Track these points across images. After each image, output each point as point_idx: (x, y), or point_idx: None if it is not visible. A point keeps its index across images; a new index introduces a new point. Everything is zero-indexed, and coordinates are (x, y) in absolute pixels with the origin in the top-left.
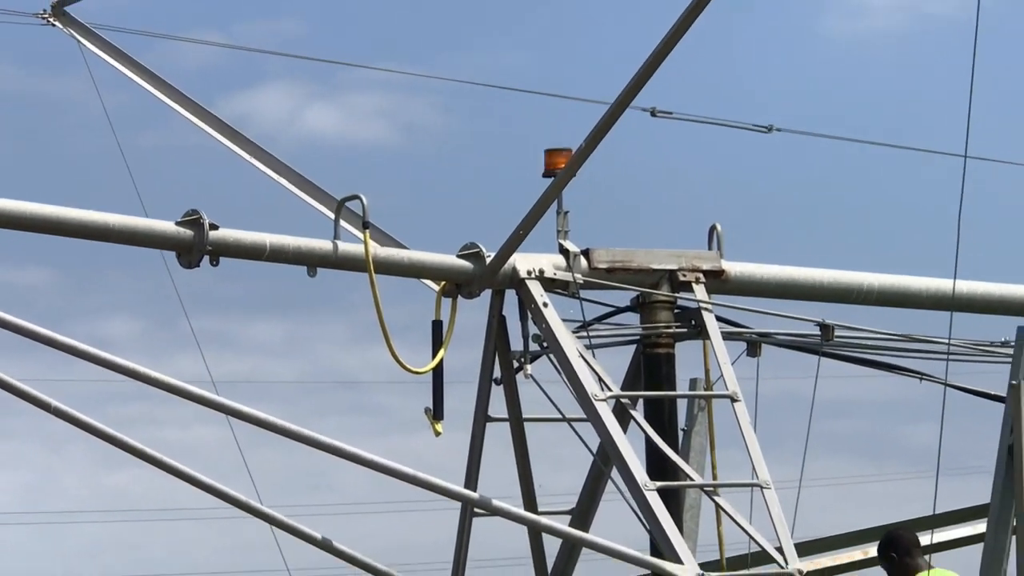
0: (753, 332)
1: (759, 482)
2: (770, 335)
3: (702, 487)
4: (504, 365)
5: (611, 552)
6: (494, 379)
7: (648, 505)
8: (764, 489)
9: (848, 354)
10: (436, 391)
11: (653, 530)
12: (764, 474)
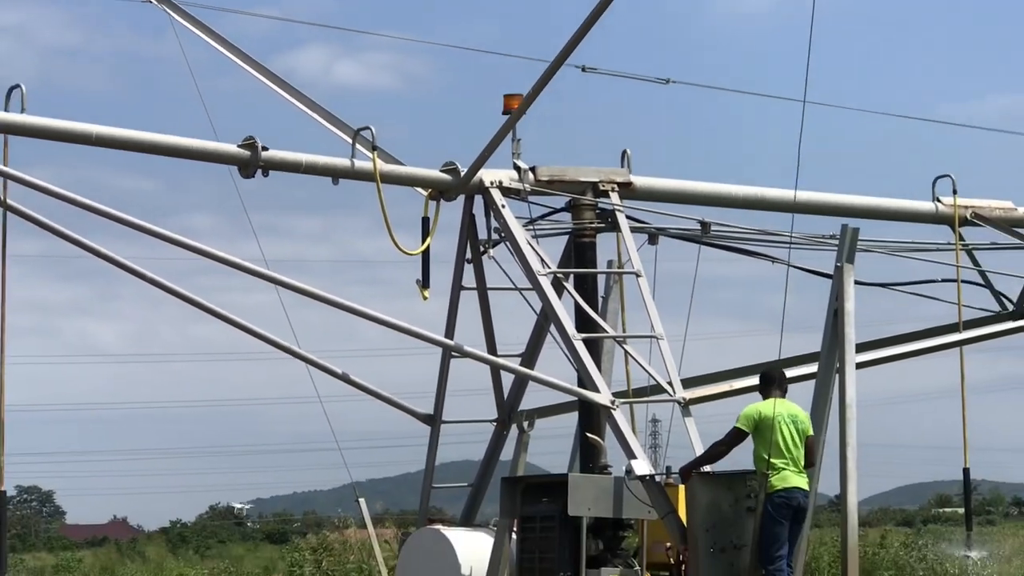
0: (652, 227)
1: (655, 334)
2: (665, 229)
3: (614, 338)
4: (473, 249)
5: (550, 384)
6: (466, 259)
7: (576, 351)
8: (659, 340)
9: (721, 244)
10: (424, 267)
11: (579, 369)
12: (659, 329)
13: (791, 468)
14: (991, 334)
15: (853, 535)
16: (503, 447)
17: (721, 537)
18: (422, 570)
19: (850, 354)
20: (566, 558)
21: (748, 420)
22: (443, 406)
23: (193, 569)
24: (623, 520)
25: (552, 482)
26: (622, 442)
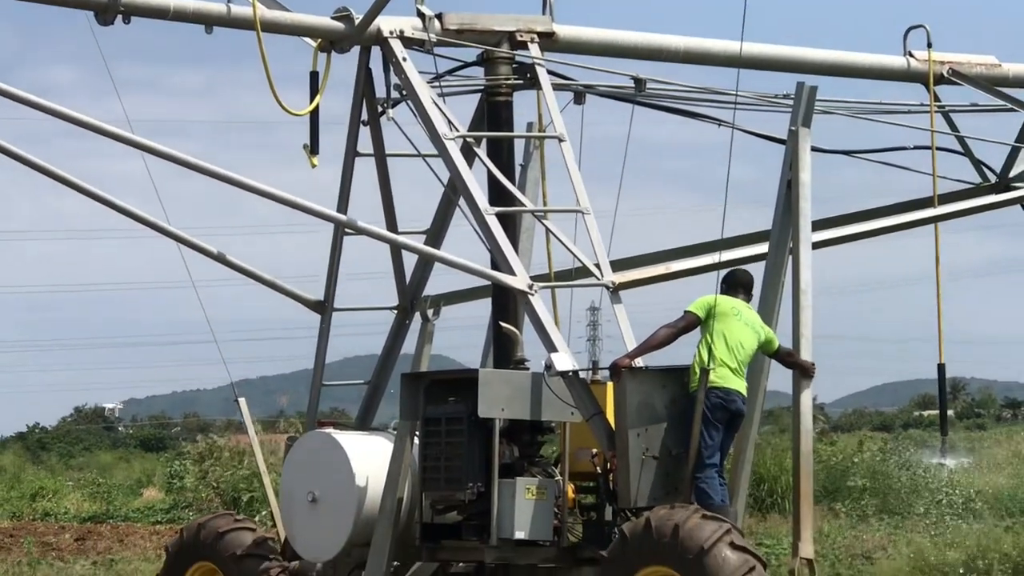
0: (579, 84)
1: (581, 209)
2: (593, 87)
3: (533, 212)
4: (370, 109)
5: (458, 266)
6: (362, 121)
7: (488, 227)
8: (585, 215)
9: (659, 104)
10: (312, 130)
11: (492, 248)
12: (585, 202)
13: (733, 369)
14: (970, 209)
15: (807, 440)
16: (404, 338)
17: (654, 442)
18: (310, 480)
19: (805, 231)
20: (476, 466)
21: (703, 305)
22: (335, 291)
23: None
24: (542, 423)
25: (460, 379)
26: (541, 333)
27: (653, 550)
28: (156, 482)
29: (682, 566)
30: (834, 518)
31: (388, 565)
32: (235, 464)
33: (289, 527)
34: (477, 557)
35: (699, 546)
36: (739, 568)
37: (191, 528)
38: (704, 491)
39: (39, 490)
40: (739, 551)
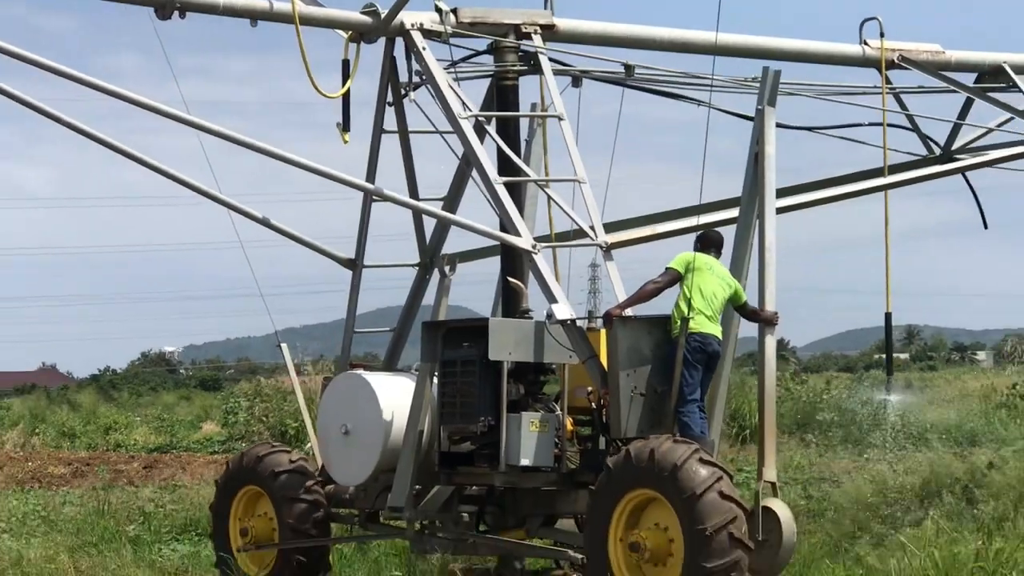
0: (576, 69)
1: (577, 179)
2: (588, 72)
3: (536, 182)
4: (394, 92)
5: (471, 229)
6: (387, 102)
7: (497, 195)
8: (581, 184)
9: (646, 87)
10: (344, 111)
11: (501, 213)
12: (581, 173)
13: (709, 316)
14: (917, 178)
15: (771, 380)
16: (425, 291)
17: (641, 381)
18: (343, 414)
19: (770, 198)
20: (487, 402)
21: (681, 262)
22: (364, 250)
23: (125, 416)
24: (544, 364)
25: (473, 326)
26: (543, 286)
27: (635, 476)
28: (213, 417)
29: (660, 485)
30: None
31: (411, 488)
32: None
33: (325, 456)
34: (488, 481)
35: (672, 464)
36: (708, 479)
37: (235, 459)
38: (686, 423)
39: (112, 424)
40: (707, 465)
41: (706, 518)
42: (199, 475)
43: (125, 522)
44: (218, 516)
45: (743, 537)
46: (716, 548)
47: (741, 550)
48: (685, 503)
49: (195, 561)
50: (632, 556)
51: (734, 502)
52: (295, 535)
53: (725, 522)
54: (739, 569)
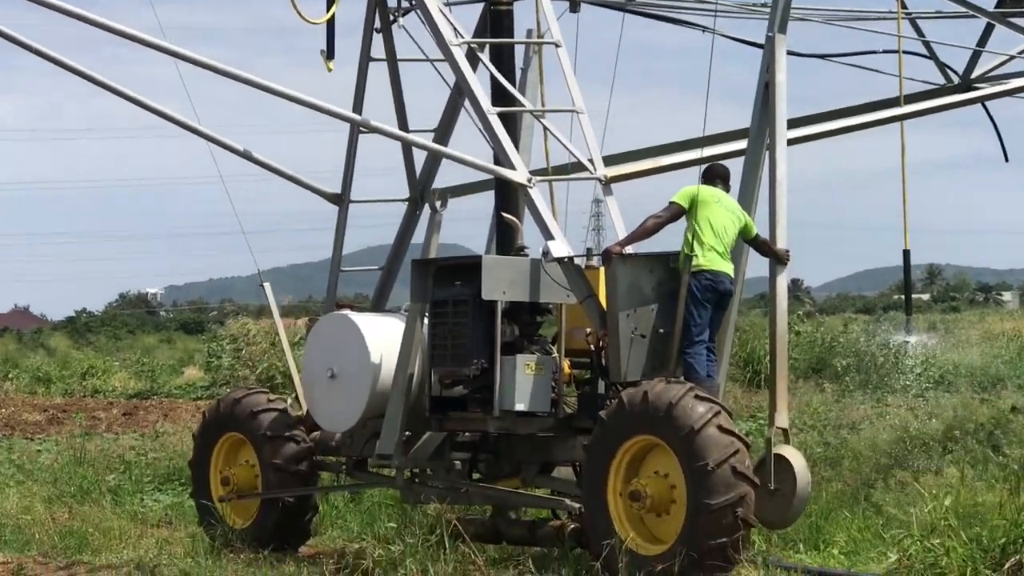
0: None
1: (575, 109)
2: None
3: (532, 112)
4: (382, 18)
5: (464, 162)
6: (375, 28)
7: (491, 126)
8: (579, 114)
9: (647, 12)
10: (329, 37)
11: (495, 146)
12: (579, 103)
13: (720, 253)
14: (934, 108)
15: (782, 321)
16: (415, 228)
17: (642, 322)
18: (329, 357)
19: (781, 129)
20: (480, 344)
21: (686, 196)
22: (351, 185)
23: (103, 360)
24: (540, 304)
25: (465, 264)
26: (539, 222)
27: (647, 420)
28: (196, 362)
29: (673, 440)
30: (820, 393)
31: (400, 435)
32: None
33: (310, 401)
34: (481, 427)
35: (690, 425)
36: (726, 448)
37: (211, 408)
38: (691, 365)
39: (89, 369)
40: (726, 433)
41: (706, 453)
42: (182, 422)
43: (104, 471)
44: (198, 467)
45: (747, 471)
46: (719, 483)
47: (746, 484)
48: (683, 441)
49: (179, 512)
50: (633, 506)
51: (734, 435)
52: (279, 476)
53: (726, 456)
54: (745, 504)
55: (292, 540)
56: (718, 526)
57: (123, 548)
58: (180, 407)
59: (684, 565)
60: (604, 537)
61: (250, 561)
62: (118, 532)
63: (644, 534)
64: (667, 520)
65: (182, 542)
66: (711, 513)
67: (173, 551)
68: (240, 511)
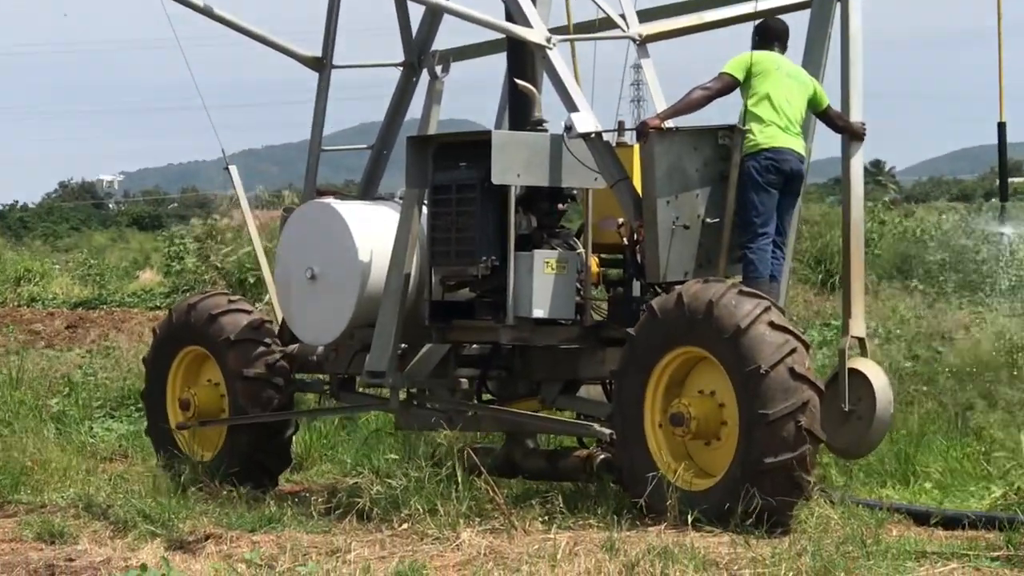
0: None
1: None
2: None
3: None
4: None
5: (469, 18)
6: None
7: None
8: None
9: None
10: None
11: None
12: None
13: (783, 127)
14: None
15: (858, 210)
16: (411, 98)
17: (685, 210)
18: (308, 255)
19: None
20: (490, 238)
21: (740, 64)
22: (334, 46)
23: (41, 263)
24: (562, 190)
25: (472, 142)
26: (561, 91)
27: (685, 329)
28: (153, 264)
29: (717, 347)
30: (909, 296)
31: (395, 348)
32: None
33: (286, 308)
34: (492, 337)
35: (736, 325)
36: (779, 348)
37: (164, 322)
38: (752, 262)
39: (24, 274)
40: (779, 330)
41: (757, 355)
42: (137, 335)
43: (46, 394)
44: (151, 396)
45: (808, 373)
46: (775, 389)
47: (809, 388)
48: (729, 345)
49: (136, 441)
50: (676, 432)
51: (790, 333)
52: (248, 387)
53: (782, 356)
54: (809, 412)
55: (270, 466)
56: (778, 440)
57: (69, 485)
58: (134, 318)
59: (744, 495)
60: (642, 473)
61: (223, 500)
62: (63, 467)
63: (691, 467)
64: (717, 448)
65: (140, 478)
66: (769, 424)
67: (129, 488)
68: (204, 440)
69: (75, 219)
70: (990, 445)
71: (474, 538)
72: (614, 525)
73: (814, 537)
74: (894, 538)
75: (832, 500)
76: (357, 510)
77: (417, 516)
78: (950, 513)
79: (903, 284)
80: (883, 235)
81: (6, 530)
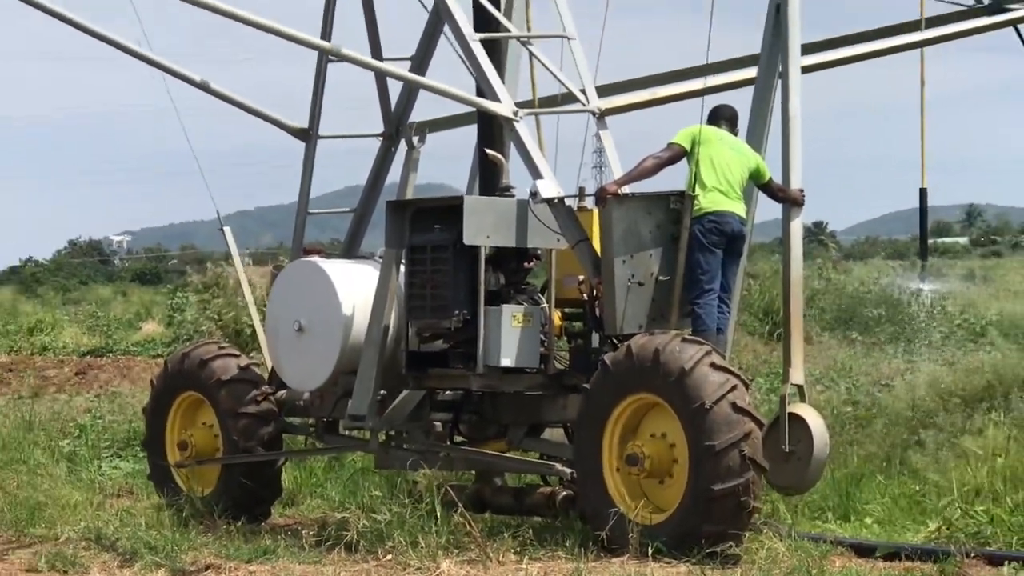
0: None
1: (566, 35)
2: None
3: (517, 37)
4: None
5: (443, 93)
6: None
7: (473, 53)
8: (570, 40)
9: None
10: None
11: (477, 76)
12: (571, 28)
13: (724, 191)
14: (959, 32)
15: (797, 268)
16: (390, 165)
17: (639, 269)
18: (296, 308)
19: (795, 55)
20: (462, 294)
21: (687, 135)
22: (319, 118)
23: (52, 314)
24: (528, 250)
25: (445, 206)
26: (526, 159)
27: (635, 377)
28: (155, 316)
29: (664, 390)
30: (849, 347)
31: (375, 394)
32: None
33: (275, 357)
34: (464, 384)
35: (680, 368)
36: (721, 387)
37: (160, 373)
38: (700, 316)
39: (36, 324)
40: (720, 370)
41: (701, 393)
42: (140, 381)
43: (58, 436)
44: (152, 442)
45: (749, 408)
46: (719, 422)
47: (750, 420)
48: (675, 387)
49: (140, 479)
50: (632, 472)
51: (730, 372)
52: (240, 424)
53: (723, 393)
54: (751, 442)
55: (263, 495)
56: (724, 468)
57: (80, 519)
58: (138, 365)
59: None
60: (602, 510)
61: (221, 533)
62: (74, 502)
63: (648, 504)
64: (670, 485)
65: (145, 513)
66: (715, 455)
67: (135, 522)
68: (201, 477)
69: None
70: (924, 484)
71: (452, 568)
72: (580, 557)
73: (764, 567)
74: (837, 568)
75: (780, 534)
76: (345, 542)
77: (400, 548)
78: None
79: (844, 335)
80: (827, 291)
81: (23, 560)
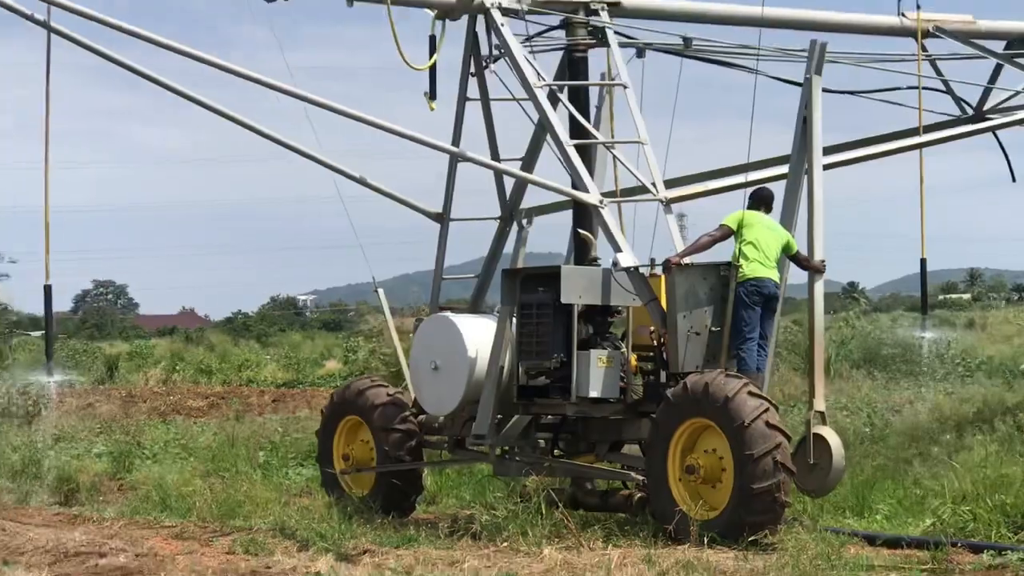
0: (640, 42)
1: (640, 140)
2: (651, 44)
3: (604, 143)
4: (477, 64)
5: (546, 186)
6: (470, 73)
7: (569, 155)
8: (643, 145)
9: (703, 56)
10: (431, 81)
11: (572, 172)
12: (644, 135)
13: (763, 263)
14: (950, 136)
15: (819, 320)
16: (506, 242)
17: (697, 322)
18: (433, 352)
19: (818, 157)
20: (560, 341)
21: (734, 218)
22: (451, 206)
23: (255, 355)
24: (611, 307)
25: (547, 273)
26: (610, 237)
27: (692, 405)
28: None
29: (714, 414)
30: (871, 380)
31: (493, 417)
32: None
33: (417, 389)
34: (561, 411)
35: (724, 396)
36: (756, 409)
37: (339, 391)
38: (743, 359)
39: (244, 362)
40: (755, 397)
41: (753, 444)
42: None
43: (255, 449)
44: (324, 442)
45: (786, 461)
46: (761, 471)
47: (784, 472)
48: (735, 431)
49: (316, 483)
50: (689, 477)
51: (778, 430)
52: (391, 461)
53: (770, 448)
54: (782, 490)
55: (408, 496)
56: (761, 471)
57: (269, 514)
58: (321, 395)
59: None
60: (668, 509)
61: (376, 525)
62: (265, 501)
63: (702, 504)
64: (720, 489)
65: (319, 509)
66: (754, 461)
67: (311, 516)
68: (361, 482)
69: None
70: (924, 488)
71: (553, 553)
72: (652, 544)
73: (793, 554)
74: (852, 555)
75: (806, 527)
76: (471, 533)
77: (513, 537)
78: (895, 536)
79: (867, 372)
80: (855, 336)
81: (224, 545)
